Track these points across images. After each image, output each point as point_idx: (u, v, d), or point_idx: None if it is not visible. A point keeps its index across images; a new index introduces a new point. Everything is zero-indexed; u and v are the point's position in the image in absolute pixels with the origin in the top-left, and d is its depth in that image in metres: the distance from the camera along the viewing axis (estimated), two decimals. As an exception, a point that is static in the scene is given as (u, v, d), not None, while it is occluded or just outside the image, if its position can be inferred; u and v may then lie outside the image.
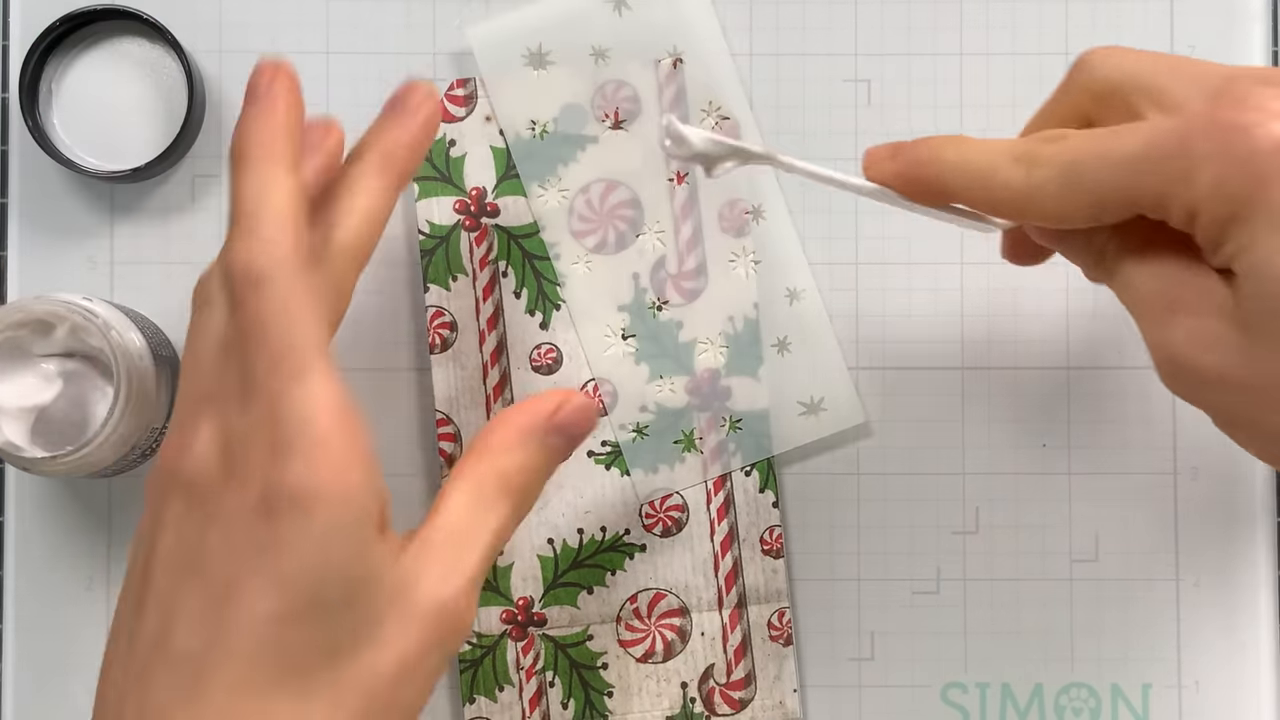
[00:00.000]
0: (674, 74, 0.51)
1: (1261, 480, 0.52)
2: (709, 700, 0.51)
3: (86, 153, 0.51)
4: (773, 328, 0.51)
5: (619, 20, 0.51)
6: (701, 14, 0.51)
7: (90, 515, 0.52)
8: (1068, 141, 0.38)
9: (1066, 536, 0.52)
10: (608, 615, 0.51)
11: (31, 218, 0.52)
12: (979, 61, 0.52)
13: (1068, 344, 0.52)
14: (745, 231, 0.51)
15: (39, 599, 0.52)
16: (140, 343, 0.47)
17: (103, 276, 0.52)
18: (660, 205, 0.51)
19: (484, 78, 0.51)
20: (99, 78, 0.51)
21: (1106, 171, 0.37)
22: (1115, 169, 0.37)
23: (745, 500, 0.51)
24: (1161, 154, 0.36)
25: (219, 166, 0.52)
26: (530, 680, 0.51)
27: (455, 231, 0.51)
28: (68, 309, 0.45)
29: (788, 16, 0.52)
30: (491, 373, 0.51)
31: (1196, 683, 0.52)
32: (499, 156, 0.51)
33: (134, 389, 0.46)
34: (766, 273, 0.51)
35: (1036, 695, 0.52)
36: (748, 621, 0.51)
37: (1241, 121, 0.35)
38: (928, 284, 0.52)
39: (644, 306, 0.51)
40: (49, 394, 0.46)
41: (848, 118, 0.52)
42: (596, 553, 0.51)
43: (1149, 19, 0.52)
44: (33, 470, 0.46)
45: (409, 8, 0.52)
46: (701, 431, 0.51)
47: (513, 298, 0.51)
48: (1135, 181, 0.37)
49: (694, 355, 0.51)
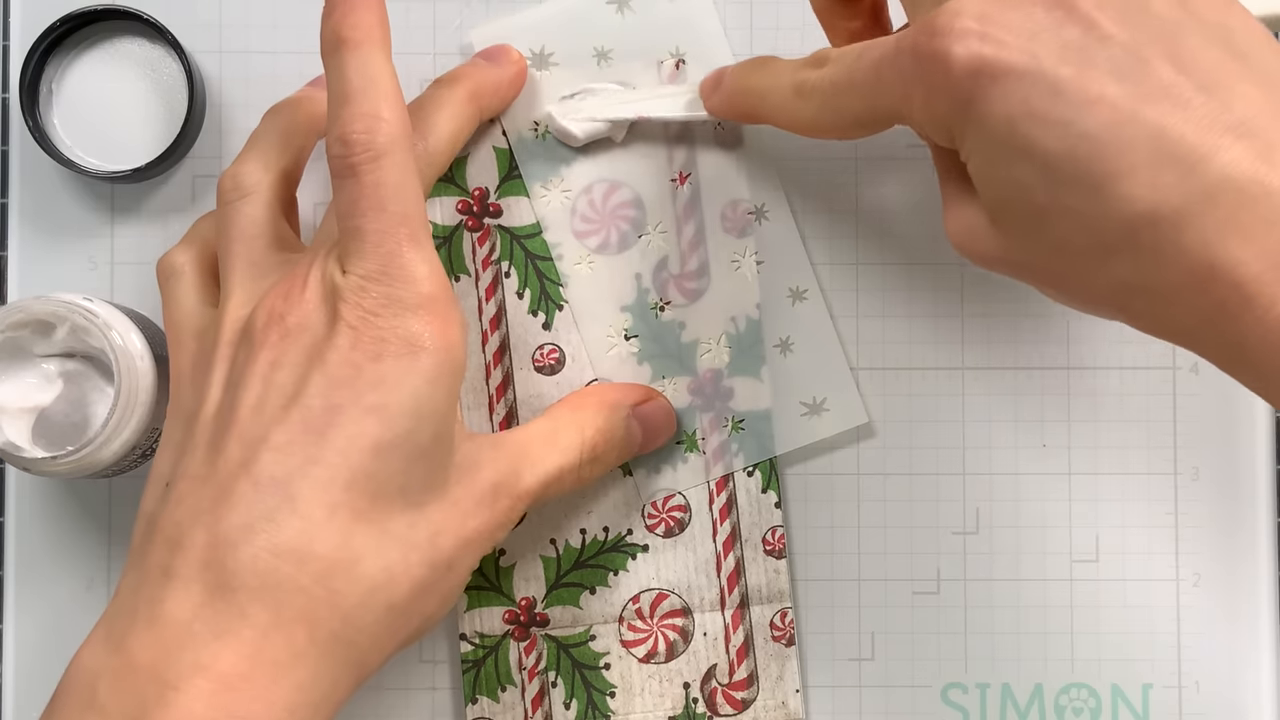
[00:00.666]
0: (676, 75, 0.51)
1: (1262, 480, 0.52)
2: (711, 701, 0.51)
3: (86, 153, 0.51)
4: (775, 328, 0.51)
5: (621, 21, 0.51)
6: (704, 15, 0.51)
7: (90, 515, 0.52)
8: (826, 69, 0.42)
9: (1066, 536, 0.52)
10: (610, 615, 0.51)
11: (31, 218, 0.52)
12: (978, 62, 0.52)
13: (1068, 344, 0.52)
14: (748, 232, 0.51)
15: (39, 599, 0.51)
16: (140, 343, 0.46)
17: (103, 276, 0.52)
18: (663, 205, 0.51)
19: (485, 78, 0.51)
20: (99, 78, 0.51)
21: (853, 97, 0.41)
22: (858, 94, 0.41)
23: (748, 501, 0.51)
24: (884, 80, 0.40)
25: (219, 167, 0.52)
26: (533, 680, 0.51)
27: (458, 232, 0.51)
28: (68, 309, 0.45)
29: (788, 16, 0.52)
30: (494, 373, 0.51)
31: (1196, 683, 0.52)
32: (501, 157, 0.51)
33: (134, 389, 0.46)
34: (769, 273, 0.51)
35: (1036, 695, 0.52)
36: (750, 622, 0.51)
37: (936, 48, 0.38)
38: (928, 284, 0.52)
39: (646, 307, 0.51)
40: (49, 394, 0.46)
41: (847, 118, 0.52)
42: (599, 553, 0.51)
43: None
44: (33, 470, 0.45)
45: (409, 8, 0.52)
46: (704, 432, 0.51)
47: (515, 298, 0.51)
48: (874, 104, 0.41)
49: (696, 355, 0.51)
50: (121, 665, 0.39)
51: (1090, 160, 0.35)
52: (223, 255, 0.46)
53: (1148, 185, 0.35)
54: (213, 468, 0.41)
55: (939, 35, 0.37)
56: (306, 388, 0.41)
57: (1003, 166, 0.37)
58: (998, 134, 0.37)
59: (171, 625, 0.39)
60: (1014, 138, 0.37)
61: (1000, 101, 0.37)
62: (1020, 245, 0.39)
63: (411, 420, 0.41)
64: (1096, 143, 0.35)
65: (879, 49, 0.40)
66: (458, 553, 0.43)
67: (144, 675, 0.38)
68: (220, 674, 0.38)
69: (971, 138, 0.38)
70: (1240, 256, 0.34)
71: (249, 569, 0.39)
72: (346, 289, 0.41)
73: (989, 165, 0.38)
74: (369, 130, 0.42)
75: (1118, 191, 0.35)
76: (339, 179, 0.42)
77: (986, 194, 0.39)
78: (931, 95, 0.38)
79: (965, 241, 0.40)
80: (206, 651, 0.38)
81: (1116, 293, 0.37)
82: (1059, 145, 0.36)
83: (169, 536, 0.40)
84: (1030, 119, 0.36)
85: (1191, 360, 0.51)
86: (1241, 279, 0.34)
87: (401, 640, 0.42)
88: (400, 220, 0.42)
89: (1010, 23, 0.37)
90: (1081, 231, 0.36)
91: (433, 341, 0.41)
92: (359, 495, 0.40)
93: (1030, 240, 0.38)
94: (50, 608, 0.51)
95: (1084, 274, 0.38)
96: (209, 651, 0.38)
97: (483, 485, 0.44)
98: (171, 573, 0.40)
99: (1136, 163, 0.35)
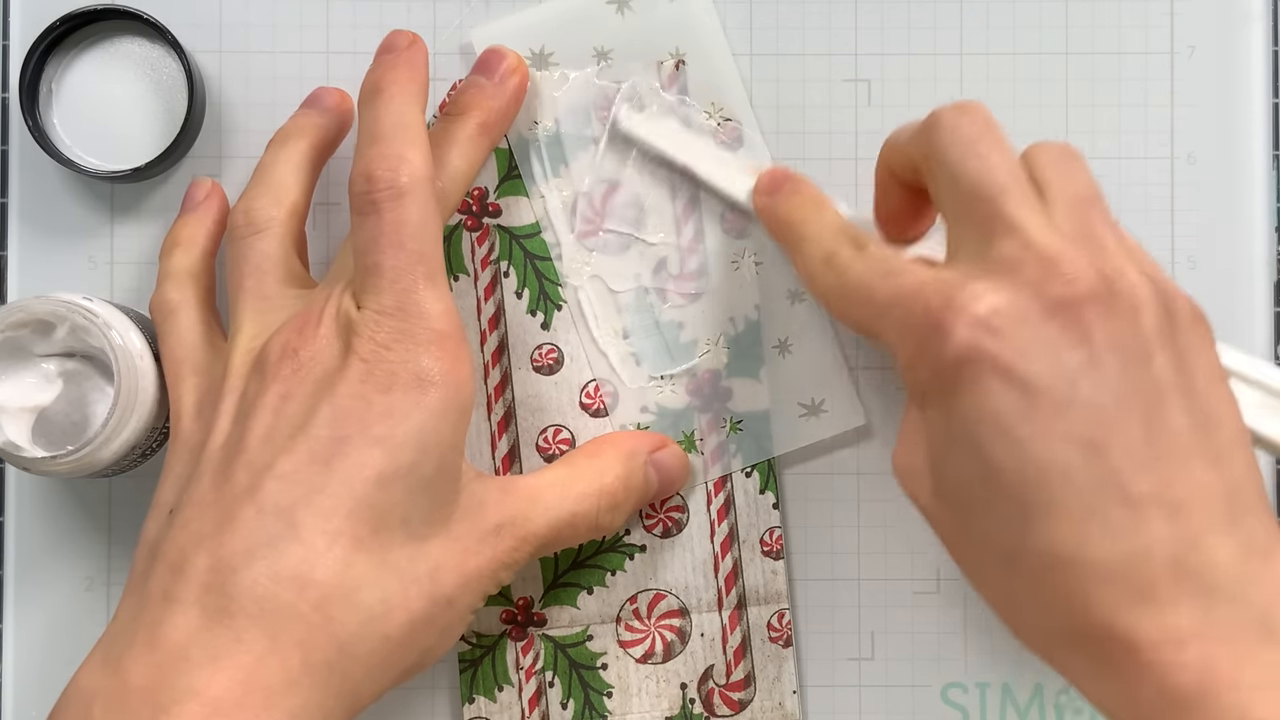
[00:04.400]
0: (676, 75, 0.51)
1: (1261, 481, 0.52)
2: (708, 701, 0.51)
3: (86, 153, 0.51)
4: (774, 329, 0.51)
5: (621, 21, 0.51)
6: (704, 15, 0.51)
7: (90, 515, 0.52)
8: (857, 261, 0.42)
9: (1066, 537, 0.52)
10: (607, 615, 0.51)
11: (31, 218, 0.52)
12: (979, 61, 0.52)
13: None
14: (747, 233, 0.51)
15: (39, 599, 0.52)
16: (140, 342, 0.47)
17: (103, 276, 0.52)
18: (662, 206, 0.51)
19: (485, 78, 0.51)
20: (99, 78, 0.51)
21: (862, 309, 0.42)
22: (868, 309, 0.42)
23: (746, 501, 0.51)
24: (891, 313, 0.40)
25: (219, 167, 0.52)
26: (530, 680, 0.51)
27: (457, 231, 0.51)
28: (68, 309, 0.45)
29: (788, 16, 0.52)
30: (493, 373, 0.51)
31: (1196, 683, 0.52)
32: (501, 157, 0.51)
33: (134, 389, 0.46)
34: (768, 274, 0.51)
35: (1036, 695, 0.52)
36: (747, 623, 0.51)
37: (944, 319, 0.38)
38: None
39: (645, 307, 0.51)
40: (49, 394, 0.46)
41: (848, 118, 0.52)
42: (596, 553, 0.51)
43: (1149, 19, 0.52)
44: (33, 470, 0.46)
45: (409, 8, 0.52)
46: (702, 432, 0.51)
47: (514, 298, 0.51)
48: (875, 326, 0.41)
49: (695, 356, 0.51)
50: (117, 687, 0.39)
51: (1031, 487, 0.36)
52: (233, 289, 0.46)
53: (1075, 533, 0.36)
54: (219, 494, 0.41)
55: (952, 309, 0.38)
56: (314, 418, 0.41)
57: (954, 451, 0.38)
58: (962, 423, 0.37)
59: (168, 649, 0.39)
60: (975, 434, 0.37)
61: (977, 398, 0.37)
62: (950, 520, 0.40)
63: (416, 452, 0.41)
64: (1043, 475, 0.36)
65: (904, 280, 0.40)
66: (458, 589, 0.43)
67: (138, 698, 0.38)
68: (213, 699, 0.38)
69: (937, 411, 0.39)
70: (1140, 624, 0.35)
71: (248, 594, 0.39)
72: (360, 323, 0.42)
73: (943, 442, 0.39)
74: (394, 169, 0.43)
75: (1044, 527, 0.36)
76: (360, 215, 0.43)
77: (932, 459, 0.39)
78: (920, 356, 0.39)
79: (904, 479, 0.41)
80: (200, 676, 0.38)
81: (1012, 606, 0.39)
82: (1010, 461, 0.37)
83: (171, 561, 0.41)
84: (996, 426, 0.37)
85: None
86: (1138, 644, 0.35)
87: (398, 674, 0.43)
88: (418, 259, 0.42)
89: (1024, 328, 0.37)
90: (999, 543, 0.38)
91: (442, 377, 0.42)
92: (361, 524, 0.41)
93: (958, 524, 0.39)
94: (50, 608, 0.52)
95: (989, 575, 0.39)
96: (203, 676, 0.38)
97: (487, 524, 0.44)
98: (172, 597, 0.40)
99: (1072, 509, 0.36)
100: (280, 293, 0.46)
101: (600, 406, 0.51)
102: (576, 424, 0.51)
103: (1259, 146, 0.52)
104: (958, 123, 0.41)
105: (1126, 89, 0.52)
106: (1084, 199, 0.40)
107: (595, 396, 0.51)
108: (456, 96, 0.49)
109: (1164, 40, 0.52)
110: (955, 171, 0.40)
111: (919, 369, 0.39)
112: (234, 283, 0.46)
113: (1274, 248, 0.52)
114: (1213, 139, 0.52)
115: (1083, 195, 0.40)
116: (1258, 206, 0.52)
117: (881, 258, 0.42)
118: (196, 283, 0.48)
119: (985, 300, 0.37)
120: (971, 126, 0.40)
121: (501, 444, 0.51)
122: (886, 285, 0.41)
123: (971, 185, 0.40)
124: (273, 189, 0.47)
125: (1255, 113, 0.52)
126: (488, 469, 0.51)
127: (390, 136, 0.44)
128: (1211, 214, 0.52)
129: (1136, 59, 0.52)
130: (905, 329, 0.39)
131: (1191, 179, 0.52)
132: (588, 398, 0.51)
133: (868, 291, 0.41)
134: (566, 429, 0.51)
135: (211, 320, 0.48)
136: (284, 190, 0.47)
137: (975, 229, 0.39)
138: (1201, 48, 0.52)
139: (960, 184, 0.40)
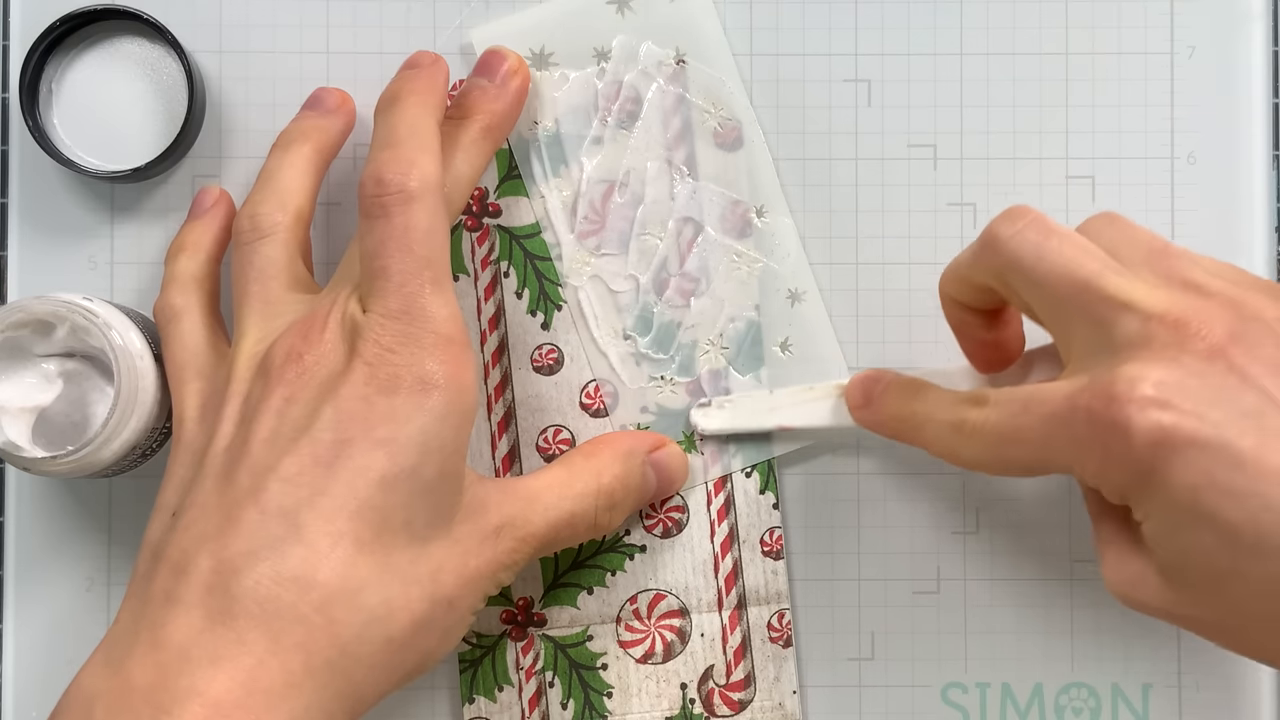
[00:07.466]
0: (676, 75, 0.51)
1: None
2: (708, 701, 0.51)
3: (86, 153, 0.51)
4: (774, 328, 0.51)
5: (621, 21, 0.51)
6: (704, 15, 0.51)
7: (90, 515, 0.52)
8: (988, 412, 0.42)
9: (1066, 536, 0.52)
10: (607, 616, 0.51)
11: (31, 218, 0.52)
12: (979, 61, 0.52)
13: (1068, 345, 0.52)
14: (747, 233, 0.51)
15: (39, 599, 0.52)
16: (140, 342, 0.47)
17: (103, 276, 0.52)
18: (662, 206, 0.51)
19: (485, 78, 0.51)
20: (99, 78, 0.51)
21: (1021, 450, 0.41)
22: (1026, 448, 0.41)
23: (745, 502, 0.51)
24: (1055, 439, 0.40)
25: (219, 167, 0.52)
26: (530, 680, 0.51)
27: (457, 232, 0.51)
28: (68, 309, 0.45)
29: (788, 16, 0.52)
30: (493, 373, 0.51)
31: (1196, 683, 0.52)
32: (501, 157, 0.51)
33: (134, 389, 0.46)
34: (768, 274, 0.51)
35: (1036, 695, 0.52)
36: (747, 623, 0.51)
37: (1115, 416, 0.37)
38: (928, 284, 0.52)
39: (645, 307, 0.51)
40: (49, 394, 0.46)
41: (848, 118, 0.52)
42: (596, 553, 0.51)
43: (1149, 19, 0.52)
44: (33, 470, 0.46)
45: (409, 8, 0.52)
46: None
47: (514, 298, 0.51)
48: (1044, 458, 0.41)
49: (695, 356, 0.51)
50: (119, 688, 0.39)
51: (1273, 531, 0.36)
52: (238, 294, 0.46)
53: None
54: (221, 496, 0.41)
55: (1118, 402, 0.37)
56: (318, 420, 0.41)
57: (1184, 532, 0.38)
58: (1180, 502, 0.37)
59: (170, 650, 0.39)
60: (1197, 506, 0.37)
61: (1183, 471, 0.37)
62: (1193, 601, 0.39)
63: (418, 455, 0.41)
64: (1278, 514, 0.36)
65: (1048, 404, 0.40)
66: (459, 590, 0.43)
67: (140, 699, 0.38)
68: (214, 700, 0.38)
69: (1150, 503, 0.38)
70: None
71: (250, 595, 0.39)
72: (366, 326, 0.42)
73: (1168, 529, 0.38)
74: (404, 173, 0.43)
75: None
76: (369, 219, 0.43)
77: (1163, 554, 0.39)
78: (1109, 462, 0.38)
79: (1129, 591, 0.40)
80: (202, 677, 0.38)
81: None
82: (1241, 516, 0.36)
83: (174, 563, 0.41)
84: (1213, 489, 0.36)
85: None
86: None
87: (400, 676, 0.43)
88: (425, 263, 0.42)
89: (1190, 390, 0.37)
90: (1261, 597, 0.37)
91: (446, 381, 0.42)
92: (363, 526, 0.41)
93: (1206, 599, 0.39)
94: (50, 608, 0.52)
95: (1260, 633, 0.38)
96: (204, 677, 0.38)
97: (487, 525, 0.44)
98: (174, 598, 0.40)
99: None
100: (285, 298, 0.46)
101: (600, 406, 0.51)
102: (577, 424, 0.51)
103: (1259, 146, 0.52)
104: (1017, 231, 0.41)
105: (1126, 89, 0.52)
106: (1157, 251, 0.41)
107: (595, 396, 0.51)
108: (459, 100, 0.49)
109: (1164, 40, 0.52)
110: (1038, 278, 0.40)
111: (1112, 474, 0.38)
112: (239, 288, 0.46)
113: (1274, 248, 0.52)
114: (1213, 139, 0.52)
115: (1155, 248, 0.41)
116: (1258, 206, 0.52)
117: (1009, 398, 0.42)
118: (201, 287, 0.48)
119: (1144, 381, 0.37)
120: (1032, 230, 0.41)
121: (502, 444, 0.51)
122: (1033, 418, 0.40)
123: (1062, 285, 0.40)
124: (278, 194, 0.47)
125: (1255, 113, 0.52)
126: (488, 469, 0.51)
127: (403, 142, 0.44)
128: (1211, 214, 0.52)
129: (1136, 59, 0.52)
130: (1078, 445, 0.39)
131: (1191, 179, 0.52)
132: (588, 398, 0.51)
133: (1016, 434, 0.41)
134: (567, 429, 0.51)
135: (215, 325, 0.48)
136: (289, 195, 0.47)
137: (1084, 323, 0.40)
138: (1201, 48, 0.52)
139: (1048, 288, 0.40)
